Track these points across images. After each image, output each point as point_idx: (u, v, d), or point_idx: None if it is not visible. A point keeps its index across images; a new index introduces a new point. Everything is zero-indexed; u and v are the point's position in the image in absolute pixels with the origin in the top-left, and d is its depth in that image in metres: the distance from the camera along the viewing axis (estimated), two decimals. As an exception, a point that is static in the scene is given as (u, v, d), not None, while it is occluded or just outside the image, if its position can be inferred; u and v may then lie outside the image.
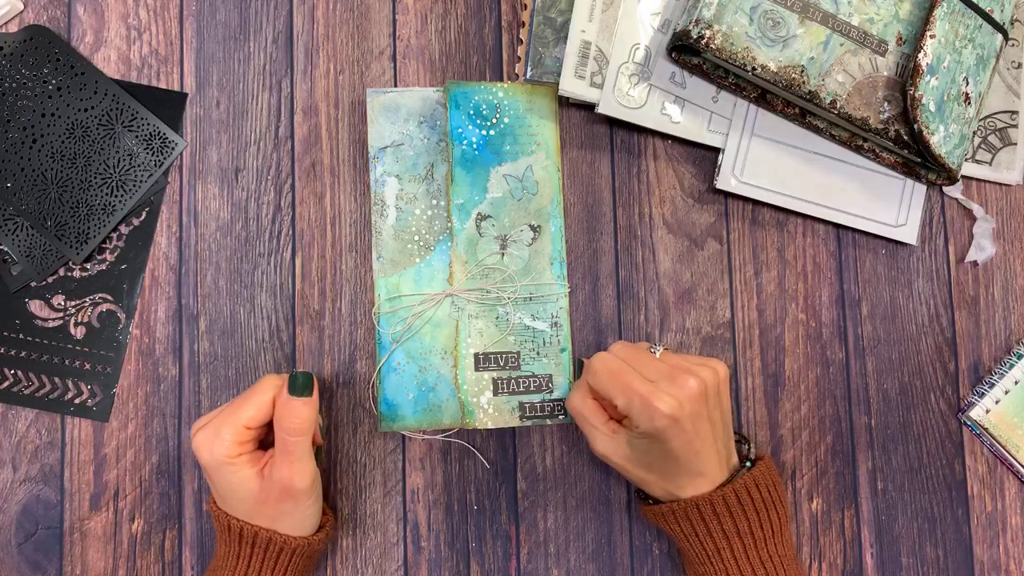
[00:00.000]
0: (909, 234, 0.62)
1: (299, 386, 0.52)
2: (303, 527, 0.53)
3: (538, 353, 0.59)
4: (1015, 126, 0.63)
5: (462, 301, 0.59)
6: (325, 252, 0.61)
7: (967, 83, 0.56)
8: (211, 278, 0.61)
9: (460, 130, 0.60)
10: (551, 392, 0.59)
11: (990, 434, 0.61)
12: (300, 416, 0.51)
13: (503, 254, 0.60)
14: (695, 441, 0.50)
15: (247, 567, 0.52)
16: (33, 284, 0.60)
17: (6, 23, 0.61)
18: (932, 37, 0.54)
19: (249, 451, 0.52)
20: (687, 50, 0.58)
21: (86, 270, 0.60)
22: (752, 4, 0.55)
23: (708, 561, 0.52)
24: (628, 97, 0.59)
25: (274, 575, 0.53)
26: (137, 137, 0.60)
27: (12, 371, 0.60)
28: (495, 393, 0.59)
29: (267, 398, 0.52)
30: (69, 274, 0.60)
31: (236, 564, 0.52)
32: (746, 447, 0.57)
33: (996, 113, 0.63)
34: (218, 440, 0.51)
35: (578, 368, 0.59)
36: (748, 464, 0.55)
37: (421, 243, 0.60)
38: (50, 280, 0.60)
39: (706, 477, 0.52)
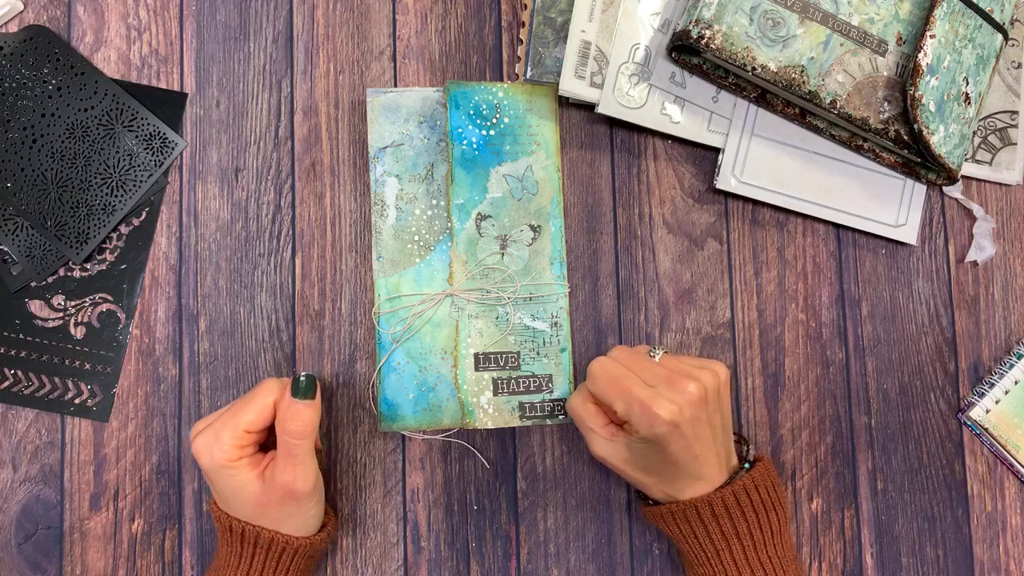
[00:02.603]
0: (909, 234, 0.62)
1: (302, 389, 0.52)
2: (306, 528, 0.53)
3: (538, 353, 0.59)
4: (1015, 126, 0.63)
5: (462, 301, 0.59)
6: (325, 252, 0.61)
7: (967, 83, 0.56)
8: (211, 278, 0.61)
9: (460, 130, 0.60)
10: (551, 392, 0.59)
11: (990, 434, 0.61)
12: (303, 419, 0.51)
13: (503, 254, 0.60)
14: (695, 445, 0.50)
15: (249, 567, 0.52)
16: (33, 284, 0.60)
17: (6, 23, 0.61)
18: (932, 37, 0.54)
19: (249, 455, 0.52)
20: (687, 50, 0.58)
21: (86, 270, 0.60)
22: (752, 4, 0.55)
23: (708, 563, 0.52)
24: (628, 97, 0.59)
25: (276, 575, 0.53)
26: (137, 137, 0.60)
27: (12, 371, 0.60)
28: (495, 393, 0.59)
29: (268, 402, 0.52)
30: (69, 274, 0.60)
31: (238, 564, 0.52)
32: (745, 448, 0.57)
33: (996, 113, 0.63)
34: (218, 444, 0.51)
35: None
36: (747, 465, 0.55)
37: (421, 243, 0.60)
38: (50, 280, 0.60)
39: (705, 480, 0.52)
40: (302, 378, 0.52)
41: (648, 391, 0.50)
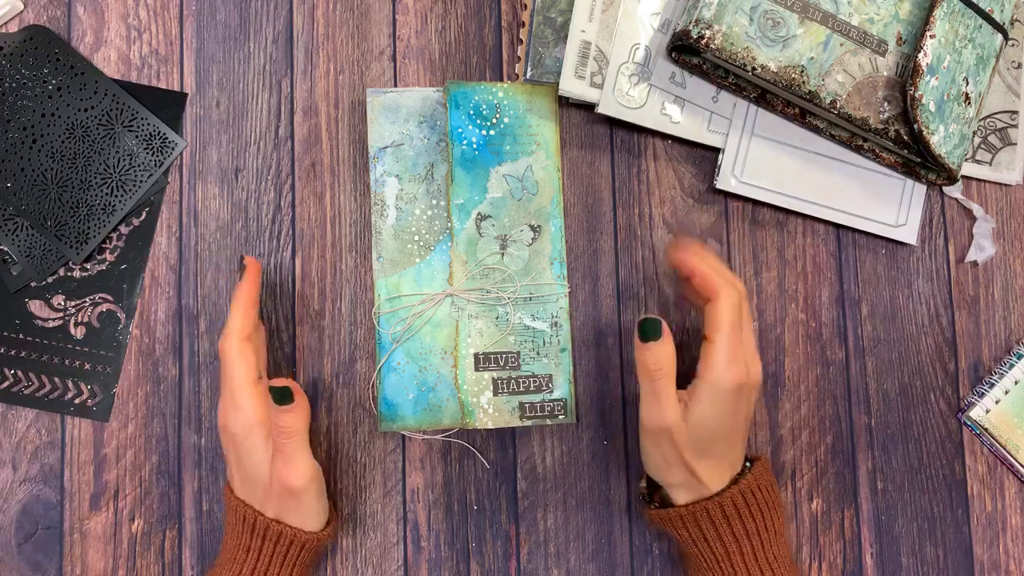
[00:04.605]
0: (909, 234, 0.62)
1: (276, 400, 0.51)
2: (308, 522, 0.53)
3: (538, 353, 0.59)
4: (1015, 126, 0.63)
5: (462, 301, 0.59)
6: (325, 252, 0.61)
7: (967, 83, 0.56)
8: (211, 278, 0.61)
9: (460, 130, 0.60)
10: (551, 392, 0.59)
11: (990, 434, 0.61)
12: (283, 423, 0.51)
13: (503, 254, 0.60)
14: (740, 417, 0.51)
15: (256, 560, 0.52)
16: (33, 284, 0.60)
17: (6, 23, 0.61)
18: (932, 37, 0.54)
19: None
20: (687, 50, 0.58)
21: (86, 270, 0.60)
22: (752, 4, 0.55)
23: (717, 565, 0.52)
24: (628, 97, 0.59)
25: (283, 569, 0.53)
26: (137, 137, 0.60)
27: (12, 371, 0.60)
28: (495, 393, 0.59)
29: (242, 315, 0.53)
30: (69, 274, 0.60)
31: (245, 557, 0.52)
32: None
33: (996, 113, 0.63)
34: (238, 411, 0.51)
35: (647, 329, 0.51)
36: (747, 465, 0.55)
37: (421, 243, 0.60)
38: (50, 280, 0.60)
39: (736, 466, 0.53)
40: (274, 391, 0.51)
41: (740, 357, 0.51)
